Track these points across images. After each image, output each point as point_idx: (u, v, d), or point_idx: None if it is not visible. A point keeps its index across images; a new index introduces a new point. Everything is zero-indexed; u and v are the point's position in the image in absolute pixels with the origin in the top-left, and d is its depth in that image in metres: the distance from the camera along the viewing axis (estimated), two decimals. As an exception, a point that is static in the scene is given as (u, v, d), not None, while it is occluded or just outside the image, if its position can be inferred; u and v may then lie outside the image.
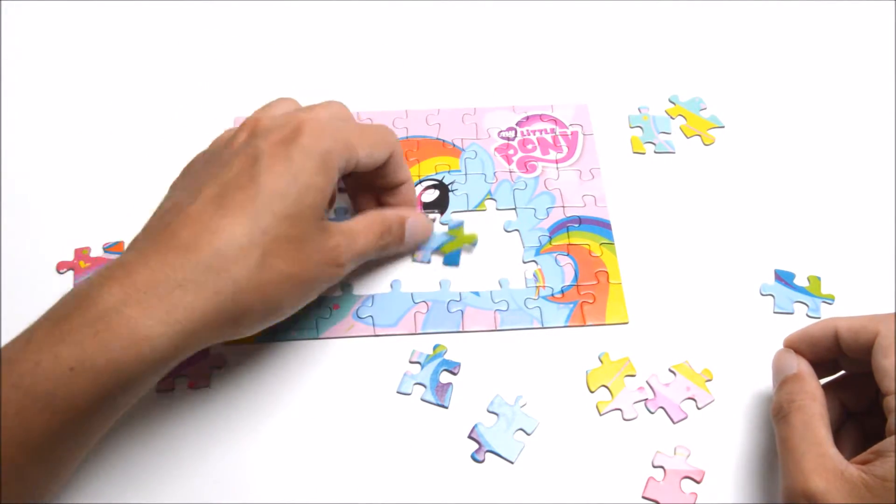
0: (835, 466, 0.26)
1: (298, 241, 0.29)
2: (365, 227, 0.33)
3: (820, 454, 0.27)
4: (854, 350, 0.29)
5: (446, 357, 0.34)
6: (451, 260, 0.37)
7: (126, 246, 0.38)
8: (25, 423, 0.24)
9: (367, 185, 0.35)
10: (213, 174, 0.29)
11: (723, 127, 0.43)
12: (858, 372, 0.30)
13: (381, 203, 0.36)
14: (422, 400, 0.33)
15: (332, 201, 0.34)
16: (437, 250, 0.38)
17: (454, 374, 0.34)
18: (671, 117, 0.43)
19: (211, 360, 0.34)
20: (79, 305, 0.26)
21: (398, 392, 0.34)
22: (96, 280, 0.27)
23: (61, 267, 0.38)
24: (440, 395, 0.33)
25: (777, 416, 0.29)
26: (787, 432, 0.28)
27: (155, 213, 0.31)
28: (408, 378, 0.34)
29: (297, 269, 0.29)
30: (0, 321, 0.36)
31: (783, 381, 0.30)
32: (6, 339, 0.35)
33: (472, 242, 0.38)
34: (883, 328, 0.28)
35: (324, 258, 0.30)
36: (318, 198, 0.30)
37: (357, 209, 0.37)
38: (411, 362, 0.34)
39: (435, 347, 0.35)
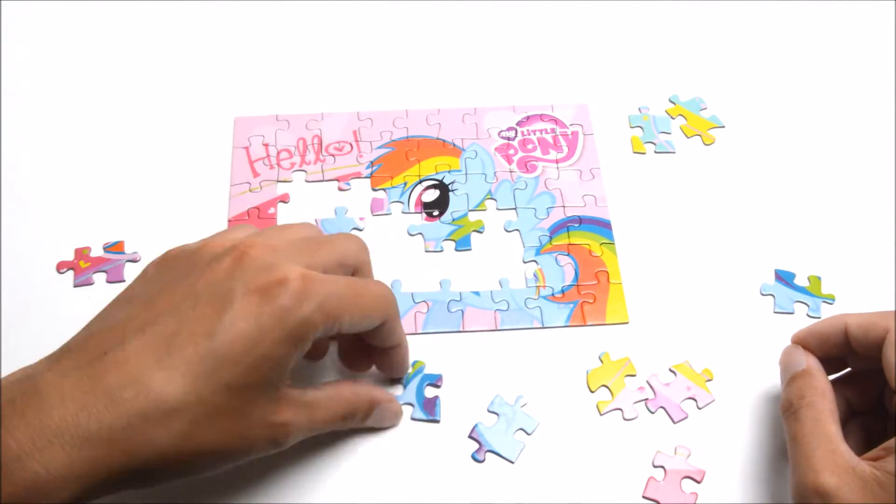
0: (846, 463, 0.26)
1: (238, 415, 0.26)
2: (329, 402, 0.29)
3: (831, 450, 0.27)
4: (864, 346, 0.29)
5: (426, 371, 0.34)
6: (463, 244, 0.38)
7: (124, 244, 0.38)
8: None
9: (358, 340, 0.32)
10: (175, 305, 0.26)
11: (723, 127, 0.43)
12: (866, 369, 0.30)
13: (371, 359, 0.33)
14: (412, 419, 0.33)
15: (321, 351, 0.32)
16: (447, 239, 0.38)
17: (438, 386, 0.34)
18: (671, 117, 0.43)
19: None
20: None
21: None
22: (7, 407, 0.23)
23: (61, 267, 0.38)
24: (430, 410, 0.33)
25: (787, 413, 0.29)
26: (797, 429, 0.28)
27: (97, 321, 0.27)
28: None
29: (228, 442, 0.26)
30: (0, 321, 0.36)
31: (792, 377, 0.30)
32: (6, 339, 0.35)
33: (478, 229, 0.38)
34: (893, 325, 0.28)
35: (265, 433, 0.27)
36: (273, 370, 0.26)
37: (344, 361, 0.33)
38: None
39: (413, 364, 0.34)
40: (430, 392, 0.34)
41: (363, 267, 0.30)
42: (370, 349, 0.32)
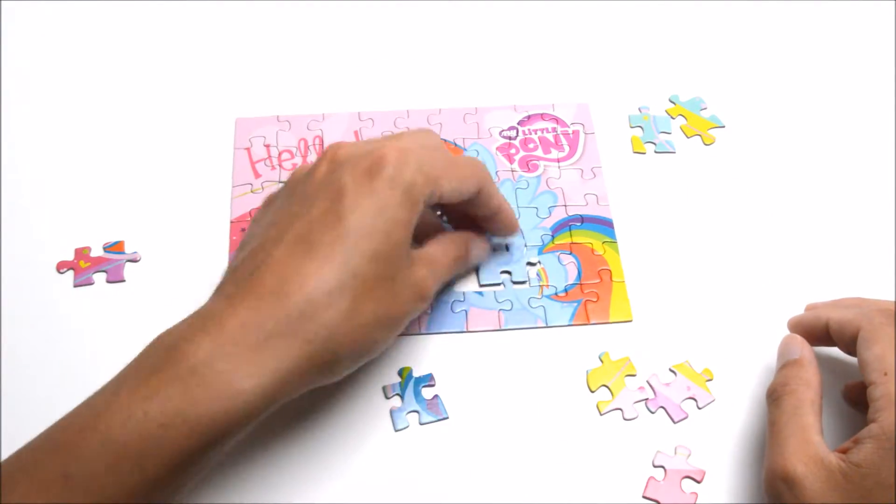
0: (816, 453, 0.27)
1: (388, 280, 0.28)
2: (443, 252, 0.32)
3: (804, 440, 0.27)
4: (842, 342, 0.31)
5: (416, 375, 0.34)
6: None
7: (124, 245, 0.38)
8: (116, 480, 0.24)
9: (464, 213, 0.34)
10: (296, 212, 0.28)
11: (723, 127, 0.43)
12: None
13: (482, 229, 0.35)
14: (421, 424, 0.33)
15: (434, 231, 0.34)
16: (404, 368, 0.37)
17: (433, 385, 0.34)
18: (671, 117, 0.43)
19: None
20: (168, 359, 0.25)
21: (397, 431, 0.33)
22: (185, 331, 0.26)
23: (61, 267, 0.37)
24: (435, 410, 0.33)
25: (769, 399, 0.30)
26: (777, 415, 0.29)
27: (239, 253, 0.30)
28: (398, 413, 0.33)
29: (388, 308, 0.28)
30: (0, 321, 0.36)
31: (783, 365, 0.31)
32: (6, 339, 0.35)
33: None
34: (865, 322, 0.29)
35: (412, 293, 0.29)
36: (404, 233, 0.28)
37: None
38: (389, 398, 0.34)
39: (400, 373, 0.34)
40: (427, 393, 0.34)
41: (461, 154, 0.34)
42: (478, 221, 0.34)
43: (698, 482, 0.32)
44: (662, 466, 0.32)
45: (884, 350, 0.28)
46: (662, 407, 0.34)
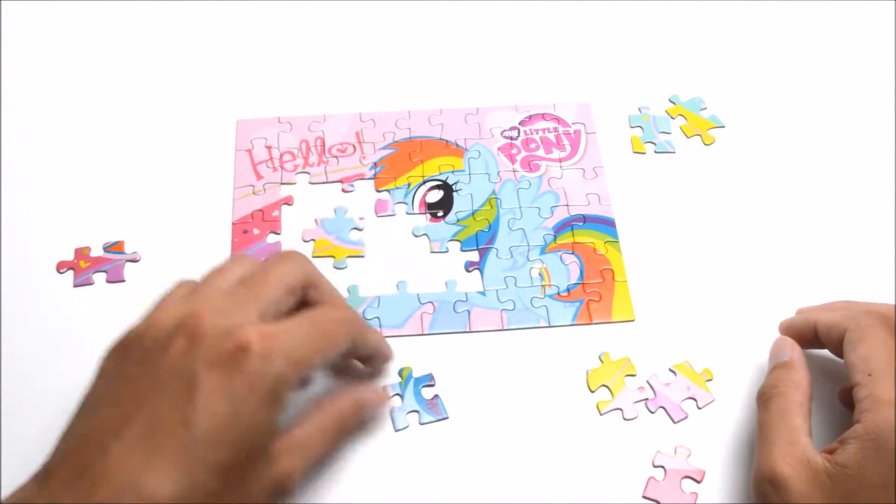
0: (803, 454, 0.27)
1: (237, 487, 0.25)
2: (319, 431, 0.28)
3: (791, 441, 0.28)
4: (830, 344, 0.31)
5: (416, 375, 0.34)
6: (468, 245, 0.38)
7: (124, 245, 0.38)
8: None
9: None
10: (143, 398, 0.25)
11: (723, 127, 0.43)
12: None
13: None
14: (421, 424, 0.33)
15: (306, 382, 0.31)
16: (453, 240, 0.38)
17: (432, 385, 0.34)
18: (671, 117, 0.43)
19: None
20: None
21: (397, 431, 0.33)
22: None
23: (61, 267, 0.37)
24: (435, 410, 0.33)
25: (759, 401, 0.30)
26: (765, 417, 0.29)
27: (70, 430, 0.26)
28: (399, 413, 0.33)
29: None
30: (0, 321, 0.36)
31: (773, 367, 0.31)
32: (6, 339, 0.35)
33: (484, 228, 0.38)
34: (851, 324, 0.30)
35: (268, 490, 0.26)
36: (261, 435, 0.25)
37: (334, 373, 0.33)
38: (388, 398, 0.33)
39: (400, 372, 0.34)
40: (427, 393, 0.34)
41: (312, 280, 0.29)
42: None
43: (698, 482, 0.32)
44: (662, 466, 0.32)
45: (868, 351, 0.28)
46: (662, 407, 0.34)
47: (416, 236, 0.38)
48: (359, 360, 0.32)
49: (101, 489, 0.23)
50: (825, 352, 0.33)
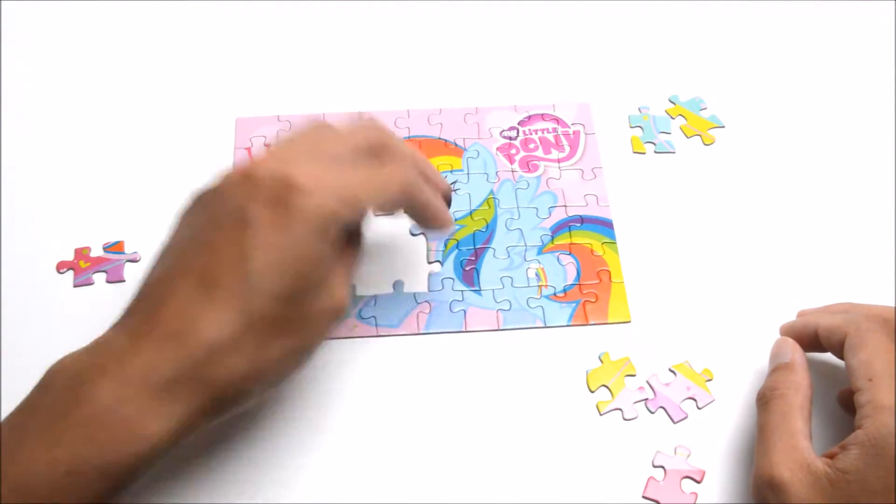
0: (803, 458, 0.27)
1: (298, 316, 0.26)
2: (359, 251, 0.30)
3: (791, 445, 0.27)
4: (831, 348, 0.31)
5: (461, 248, 0.36)
6: (466, 244, 0.38)
7: (124, 245, 0.38)
8: None
9: None
10: (202, 240, 0.26)
11: (723, 127, 0.43)
12: None
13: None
14: (454, 290, 0.35)
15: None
16: (450, 239, 0.38)
17: (473, 260, 0.36)
18: (671, 117, 0.43)
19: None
20: (70, 402, 0.24)
21: (431, 291, 0.34)
22: (85, 370, 0.25)
23: (61, 267, 0.37)
24: (469, 281, 0.35)
25: (759, 403, 0.30)
26: (765, 420, 0.29)
27: (151, 272, 0.27)
28: (434, 277, 0.35)
29: (300, 341, 0.27)
30: (0, 321, 0.36)
31: (774, 368, 0.31)
32: (6, 339, 0.35)
33: (482, 228, 0.38)
34: (852, 328, 0.29)
35: (327, 318, 0.28)
36: (315, 266, 0.26)
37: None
38: (430, 263, 0.36)
39: (446, 244, 0.36)
40: (468, 266, 0.35)
41: (383, 143, 0.30)
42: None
43: (698, 482, 0.32)
44: (662, 466, 0.32)
45: (869, 356, 0.28)
46: (662, 407, 0.34)
47: (413, 235, 0.38)
48: (415, 220, 0.32)
49: (170, 323, 0.25)
50: (825, 354, 0.32)
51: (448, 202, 0.33)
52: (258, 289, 0.25)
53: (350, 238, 0.30)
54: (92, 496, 0.24)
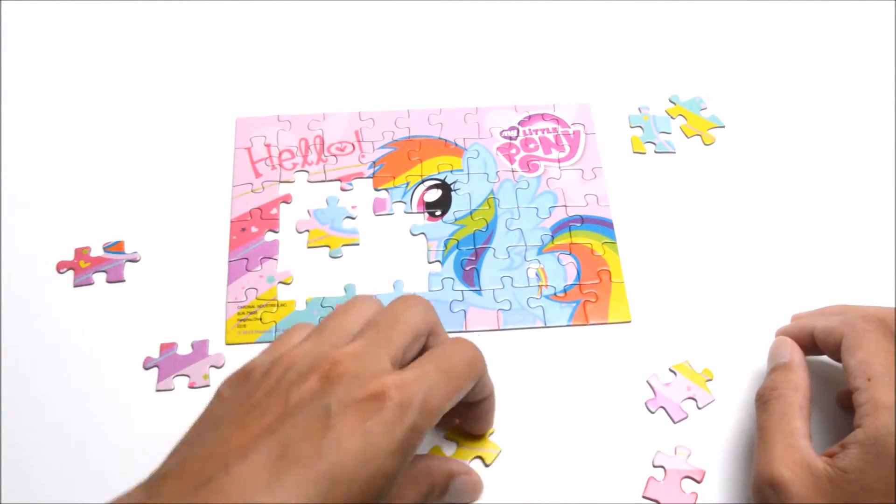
0: (802, 458, 0.27)
1: None
2: (411, 483, 0.28)
3: (790, 444, 0.27)
4: (828, 350, 0.31)
5: (461, 248, 0.36)
6: (466, 244, 0.38)
7: (124, 245, 0.38)
8: None
9: None
10: (272, 423, 0.24)
11: (723, 127, 0.43)
12: None
13: (455, 413, 0.30)
14: (453, 290, 0.35)
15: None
16: (450, 239, 0.38)
17: (473, 260, 0.36)
18: (671, 117, 0.43)
19: (211, 359, 0.34)
20: None
21: (431, 291, 0.34)
22: None
23: (61, 267, 0.37)
24: (469, 281, 0.35)
25: (758, 403, 0.30)
26: (764, 420, 0.29)
27: (188, 443, 0.25)
28: (434, 277, 0.36)
29: None
30: (0, 321, 0.36)
31: (772, 368, 0.31)
32: (6, 339, 0.35)
33: (482, 228, 0.38)
34: (848, 329, 0.29)
35: None
36: (386, 483, 0.24)
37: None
38: (430, 262, 0.37)
39: (446, 243, 0.37)
40: (468, 266, 0.36)
41: (435, 328, 0.29)
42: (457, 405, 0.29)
43: (698, 482, 0.32)
44: (662, 466, 0.32)
45: (867, 356, 0.28)
46: (662, 407, 0.34)
47: (413, 235, 0.38)
48: (466, 407, 0.31)
49: (218, 501, 0.22)
50: (822, 356, 0.32)
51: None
52: (329, 491, 0.23)
53: (408, 475, 0.28)
54: None
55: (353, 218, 0.39)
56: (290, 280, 0.37)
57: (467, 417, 0.32)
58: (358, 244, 0.38)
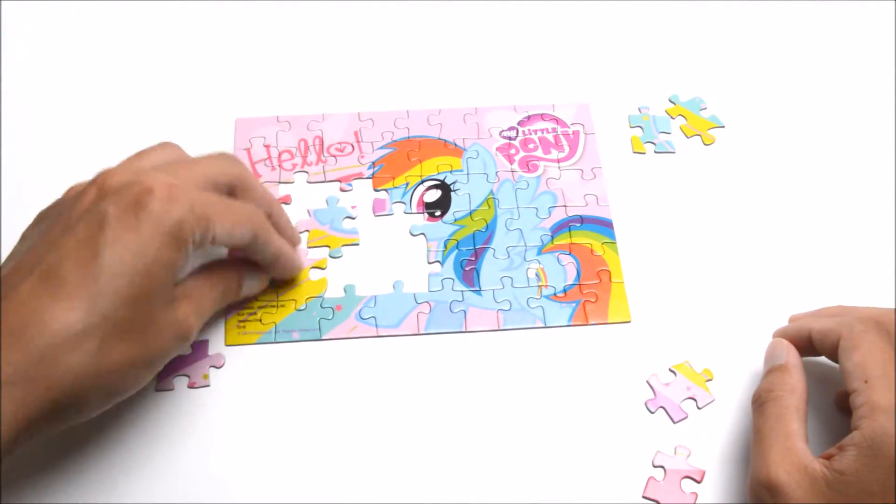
0: (799, 460, 0.27)
1: (143, 322, 0.27)
2: (209, 287, 0.31)
3: (787, 447, 0.27)
4: (825, 351, 0.31)
5: (461, 248, 0.37)
6: (466, 244, 0.38)
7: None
8: None
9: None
10: (53, 241, 0.27)
11: (723, 127, 0.43)
12: None
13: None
14: (453, 290, 0.36)
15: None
16: (450, 239, 0.38)
17: (473, 260, 0.36)
18: (671, 117, 0.43)
19: (211, 359, 0.34)
20: None
21: (430, 291, 0.35)
22: None
23: (61, 267, 0.38)
24: (469, 281, 0.35)
25: (754, 405, 0.30)
26: (761, 422, 0.29)
27: None
28: (434, 277, 0.36)
29: (142, 350, 0.27)
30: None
31: (768, 370, 0.31)
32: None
33: (482, 228, 0.38)
34: (845, 331, 0.29)
35: (172, 334, 0.28)
36: (166, 274, 0.27)
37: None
38: (430, 263, 0.37)
39: (446, 244, 0.37)
40: (468, 266, 0.36)
41: (242, 182, 0.31)
42: (259, 265, 0.34)
43: (698, 482, 0.32)
44: (662, 466, 0.32)
45: (863, 358, 0.28)
46: (662, 407, 0.34)
47: (413, 236, 0.38)
48: (263, 267, 0.34)
49: (10, 319, 0.25)
50: (820, 357, 0.32)
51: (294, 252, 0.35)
52: (106, 288, 0.25)
53: (204, 277, 0.31)
54: None
55: (352, 218, 0.39)
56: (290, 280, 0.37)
57: (271, 274, 0.35)
58: (358, 244, 0.38)
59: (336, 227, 0.38)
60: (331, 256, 0.37)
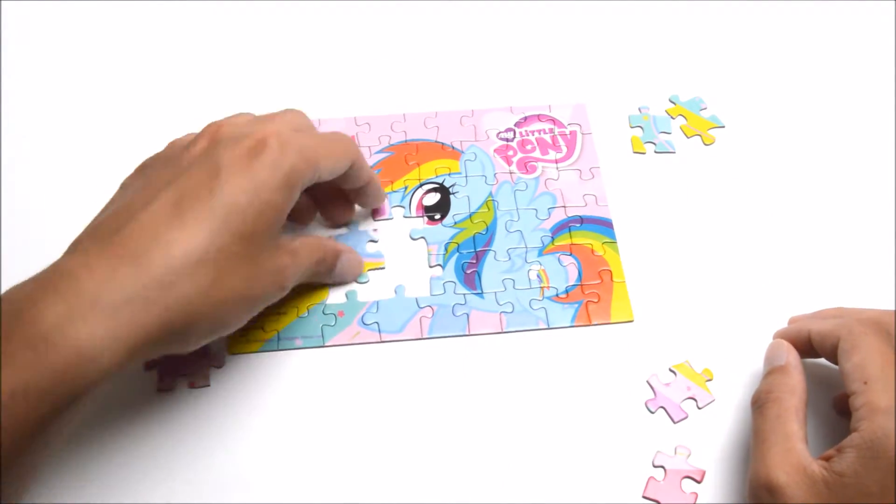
0: (799, 461, 0.27)
1: (252, 260, 0.28)
2: (307, 250, 0.32)
3: (787, 448, 0.28)
4: (825, 353, 0.31)
5: (462, 251, 0.37)
6: (467, 247, 0.38)
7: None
8: None
9: (334, 189, 0.35)
10: (169, 179, 0.28)
11: (723, 127, 0.43)
12: None
13: (349, 201, 0.37)
14: (455, 294, 0.36)
15: (308, 216, 0.36)
16: (450, 242, 0.38)
17: (474, 263, 0.37)
18: (671, 117, 0.43)
19: (211, 360, 0.35)
20: (19, 322, 0.24)
21: (433, 295, 0.36)
22: (34, 292, 0.24)
23: (62, 270, 0.38)
24: (470, 284, 0.36)
25: (754, 406, 0.30)
26: (760, 423, 0.29)
27: (103, 212, 0.29)
28: (435, 281, 0.36)
29: (248, 288, 0.28)
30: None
31: (768, 371, 0.31)
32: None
33: (482, 231, 0.38)
34: (844, 332, 0.29)
35: (272, 279, 0.30)
36: (276, 216, 0.29)
37: (325, 215, 0.37)
38: (431, 266, 0.37)
39: (446, 247, 0.37)
40: (469, 269, 0.36)
41: (358, 161, 0.34)
42: (347, 197, 0.36)
43: (698, 482, 0.32)
44: (662, 466, 0.32)
45: (863, 359, 0.28)
46: (662, 407, 0.34)
47: (413, 239, 0.39)
48: (353, 194, 0.36)
49: (131, 243, 0.26)
50: (820, 359, 0.32)
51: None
52: (224, 222, 0.27)
53: (307, 241, 0.32)
54: (35, 419, 0.23)
55: (375, 241, 0.38)
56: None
57: (362, 201, 0.37)
58: (384, 268, 0.37)
59: (360, 251, 0.37)
60: (358, 282, 0.37)
